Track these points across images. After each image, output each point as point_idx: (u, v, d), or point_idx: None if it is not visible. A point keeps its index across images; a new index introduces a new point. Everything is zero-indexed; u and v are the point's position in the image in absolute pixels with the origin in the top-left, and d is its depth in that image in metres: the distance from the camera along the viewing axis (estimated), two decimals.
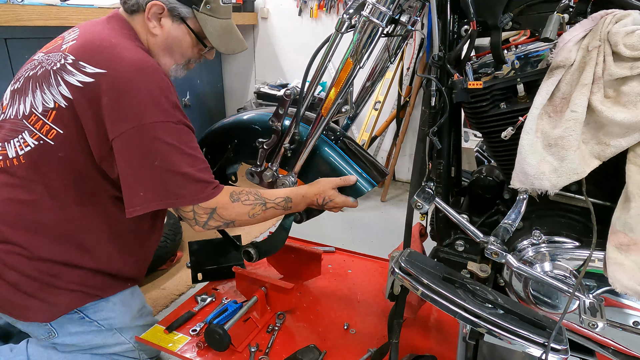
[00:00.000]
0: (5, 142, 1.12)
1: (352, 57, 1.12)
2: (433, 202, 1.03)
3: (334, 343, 1.35)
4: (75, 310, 1.23)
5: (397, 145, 2.96)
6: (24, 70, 1.16)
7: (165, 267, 2.00)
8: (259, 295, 1.43)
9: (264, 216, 1.22)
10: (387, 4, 1.04)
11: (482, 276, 1.02)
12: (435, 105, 1.03)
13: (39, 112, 1.07)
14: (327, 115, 1.21)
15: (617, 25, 0.81)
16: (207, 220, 1.14)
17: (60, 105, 1.05)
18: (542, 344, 0.81)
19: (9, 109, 1.15)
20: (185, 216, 1.14)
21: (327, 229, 2.49)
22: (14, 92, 1.15)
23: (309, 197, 1.26)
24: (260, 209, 1.20)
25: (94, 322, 1.26)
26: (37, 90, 1.08)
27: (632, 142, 0.82)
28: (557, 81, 0.87)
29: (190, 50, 1.21)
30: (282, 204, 1.23)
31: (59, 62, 1.07)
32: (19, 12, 1.80)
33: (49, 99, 1.06)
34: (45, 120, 1.06)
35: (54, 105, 1.06)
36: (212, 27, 1.16)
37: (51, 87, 1.06)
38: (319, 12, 3.12)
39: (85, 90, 1.03)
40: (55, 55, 1.10)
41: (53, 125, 1.06)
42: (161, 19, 1.13)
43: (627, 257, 0.82)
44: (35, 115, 1.08)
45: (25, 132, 1.09)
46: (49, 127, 1.06)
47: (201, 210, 1.12)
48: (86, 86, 1.03)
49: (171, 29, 1.15)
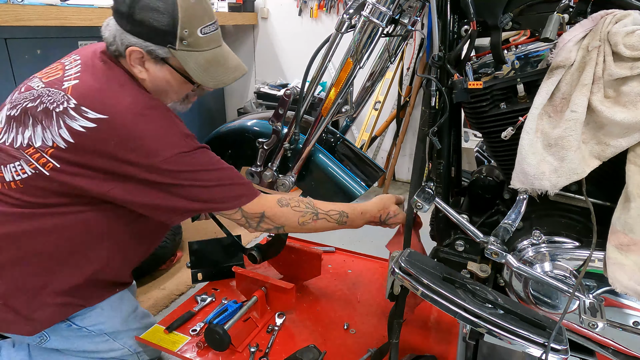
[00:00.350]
0: (2, 166, 1.11)
1: (352, 57, 1.12)
2: (433, 202, 1.03)
3: (334, 343, 1.35)
4: (62, 320, 1.21)
5: (397, 145, 2.96)
6: (21, 98, 1.13)
7: (165, 267, 2.00)
8: (259, 295, 1.43)
9: (315, 226, 1.24)
10: (387, 4, 1.04)
11: (482, 276, 1.02)
12: (435, 105, 1.03)
13: (37, 146, 1.07)
14: (327, 115, 1.21)
15: (617, 26, 0.81)
16: (258, 222, 1.20)
17: (59, 146, 1.04)
18: (542, 344, 0.81)
19: (5, 135, 1.13)
20: (237, 221, 1.19)
21: None
22: (10, 119, 1.13)
23: (369, 213, 1.27)
24: (310, 218, 1.22)
25: (83, 328, 1.25)
26: (38, 126, 1.07)
27: (632, 142, 0.82)
28: (557, 81, 0.87)
29: (182, 87, 1.18)
30: (335, 217, 1.24)
31: (62, 104, 1.06)
32: (19, 12, 1.80)
33: (48, 137, 1.06)
34: (42, 154, 1.06)
35: (52, 144, 1.05)
36: (195, 62, 1.10)
37: (51, 127, 1.05)
38: (319, 12, 3.12)
39: (87, 135, 1.02)
40: (57, 94, 1.08)
41: (50, 159, 1.06)
42: (144, 62, 1.10)
43: (627, 257, 0.82)
44: (33, 148, 1.07)
45: (21, 160, 1.08)
46: (45, 160, 1.06)
47: (250, 214, 1.17)
48: (88, 131, 1.02)
49: (156, 71, 1.11)
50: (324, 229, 1.26)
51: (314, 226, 1.23)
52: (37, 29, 2.03)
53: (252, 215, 1.18)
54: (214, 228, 2.37)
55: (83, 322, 1.24)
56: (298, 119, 1.25)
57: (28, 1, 1.90)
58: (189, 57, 1.09)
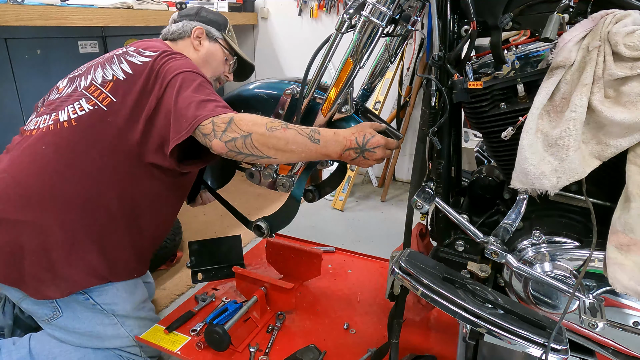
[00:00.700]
0: (60, 110, 1.28)
1: (352, 57, 1.12)
2: (433, 202, 1.03)
3: (334, 343, 1.35)
4: (81, 292, 1.27)
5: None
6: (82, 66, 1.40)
7: (165, 267, 2.00)
8: (259, 295, 1.44)
9: (285, 135, 1.12)
10: (387, 4, 1.04)
11: (482, 276, 1.02)
12: (435, 105, 1.03)
13: (98, 83, 1.28)
14: (327, 115, 1.21)
15: (617, 26, 0.81)
16: (224, 130, 1.11)
17: (118, 77, 1.27)
18: (542, 344, 0.81)
19: (66, 89, 1.34)
20: (204, 131, 1.12)
21: (327, 229, 2.49)
22: (73, 78, 1.36)
23: (342, 135, 1.15)
24: (280, 125, 1.13)
25: (97, 305, 1.30)
26: (99, 68, 1.32)
27: (632, 142, 0.82)
28: (557, 81, 0.87)
29: (222, 65, 1.53)
30: (307, 131, 1.14)
31: (122, 50, 1.34)
32: (19, 12, 1.80)
33: (109, 72, 1.29)
34: (102, 89, 1.27)
35: (112, 77, 1.28)
36: (234, 45, 1.56)
37: (113, 65, 1.30)
38: (319, 12, 3.12)
39: (143, 66, 1.26)
40: (116, 51, 1.35)
41: (109, 93, 1.26)
42: (201, 40, 1.49)
43: (627, 257, 0.82)
44: (94, 86, 1.28)
45: (82, 99, 1.27)
46: (105, 95, 1.26)
47: (219, 120, 1.12)
48: (145, 64, 1.26)
49: (209, 46, 1.50)
50: (295, 142, 1.12)
51: (284, 135, 1.11)
52: (37, 29, 2.03)
53: (221, 121, 1.12)
54: (213, 228, 2.38)
55: (99, 299, 1.30)
56: (298, 119, 1.25)
57: (28, 1, 1.90)
58: (232, 40, 1.57)
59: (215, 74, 1.54)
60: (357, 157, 1.16)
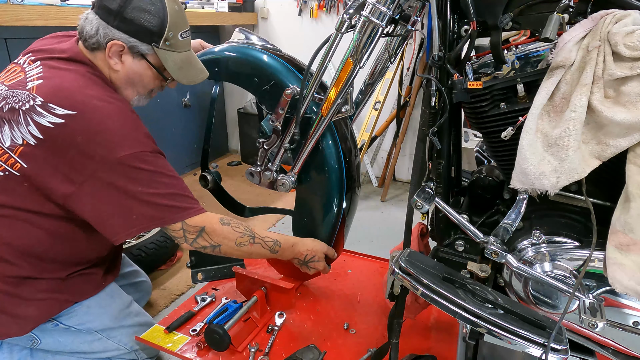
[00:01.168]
0: None
1: (352, 57, 1.12)
2: (433, 202, 1.03)
3: (334, 343, 1.35)
4: (49, 320, 1.22)
5: (397, 145, 2.96)
6: None
7: (165, 267, 2.00)
8: (259, 295, 1.43)
9: (250, 250, 1.26)
10: (387, 4, 1.04)
11: (482, 276, 1.02)
12: (435, 105, 1.03)
13: (5, 147, 1.09)
14: (327, 115, 1.21)
15: (617, 26, 0.81)
16: (195, 238, 1.18)
17: (29, 143, 1.07)
18: (542, 344, 0.81)
19: None
20: (174, 235, 1.17)
21: None
22: None
23: (297, 250, 1.36)
24: (247, 240, 1.25)
25: (70, 327, 1.26)
26: (5, 126, 1.10)
27: (632, 142, 0.82)
28: (557, 81, 0.87)
29: (152, 82, 1.24)
30: (269, 244, 1.29)
31: (28, 102, 1.08)
32: (19, 12, 1.80)
33: (17, 136, 1.08)
34: (11, 154, 1.09)
35: (22, 142, 1.08)
36: (173, 61, 1.19)
37: (20, 126, 1.08)
38: (319, 12, 3.12)
39: (55, 130, 1.05)
40: (22, 94, 1.10)
41: (18, 159, 1.08)
42: (122, 55, 1.16)
43: (627, 257, 0.82)
44: (2, 149, 1.10)
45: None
46: (14, 160, 1.09)
47: (190, 227, 1.16)
48: (57, 127, 1.05)
49: (132, 64, 1.18)
50: (257, 255, 1.31)
51: (249, 250, 1.26)
52: (37, 29, 2.02)
53: (192, 229, 1.16)
54: None
55: (70, 322, 1.25)
56: (298, 119, 1.25)
57: (28, 1, 1.90)
58: (169, 56, 1.18)
59: (144, 91, 1.26)
60: (300, 265, 1.42)
